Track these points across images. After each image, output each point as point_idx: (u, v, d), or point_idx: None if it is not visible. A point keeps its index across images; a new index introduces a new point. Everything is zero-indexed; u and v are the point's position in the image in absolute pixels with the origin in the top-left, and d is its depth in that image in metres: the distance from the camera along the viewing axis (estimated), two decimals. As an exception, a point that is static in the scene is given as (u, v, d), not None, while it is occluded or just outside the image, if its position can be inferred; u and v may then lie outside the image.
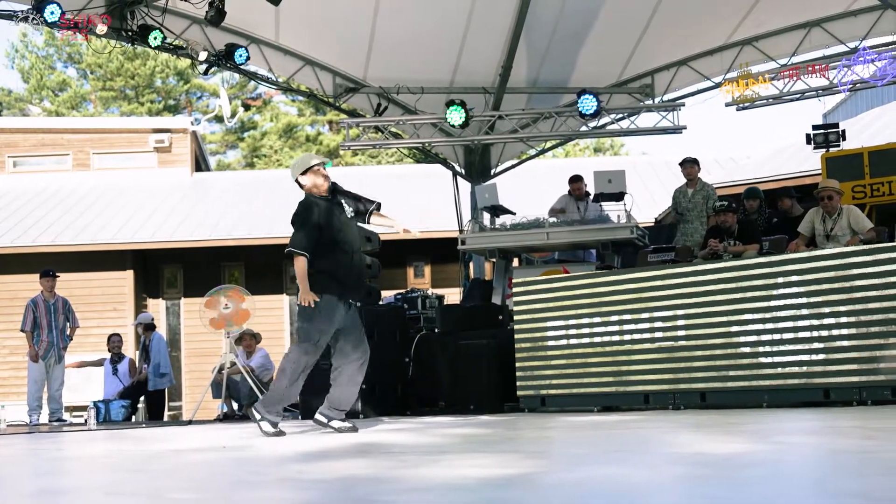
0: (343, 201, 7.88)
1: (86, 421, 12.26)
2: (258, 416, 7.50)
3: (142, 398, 15.76)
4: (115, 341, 15.69)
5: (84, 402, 15.73)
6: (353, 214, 7.90)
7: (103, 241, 21.56)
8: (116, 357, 15.60)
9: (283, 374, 7.54)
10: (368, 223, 8.25)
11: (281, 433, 7.42)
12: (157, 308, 22.22)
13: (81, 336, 15.33)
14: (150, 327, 15.84)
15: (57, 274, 14.56)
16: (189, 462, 5.51)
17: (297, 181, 7.83)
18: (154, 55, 39.80)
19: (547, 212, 13.91)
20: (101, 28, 13.11)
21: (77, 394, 17.19)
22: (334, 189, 7.85)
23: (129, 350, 18.50)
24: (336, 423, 7.64)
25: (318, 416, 7.77)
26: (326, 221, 7.63)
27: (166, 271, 22.97)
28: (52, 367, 14.16)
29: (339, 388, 7.67)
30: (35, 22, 12.94)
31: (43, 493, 3.96)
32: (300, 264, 7.49)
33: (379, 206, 8.07)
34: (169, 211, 23.30)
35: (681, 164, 13.85)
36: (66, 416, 14.79)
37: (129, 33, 13.80)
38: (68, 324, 14.43)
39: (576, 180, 14.24)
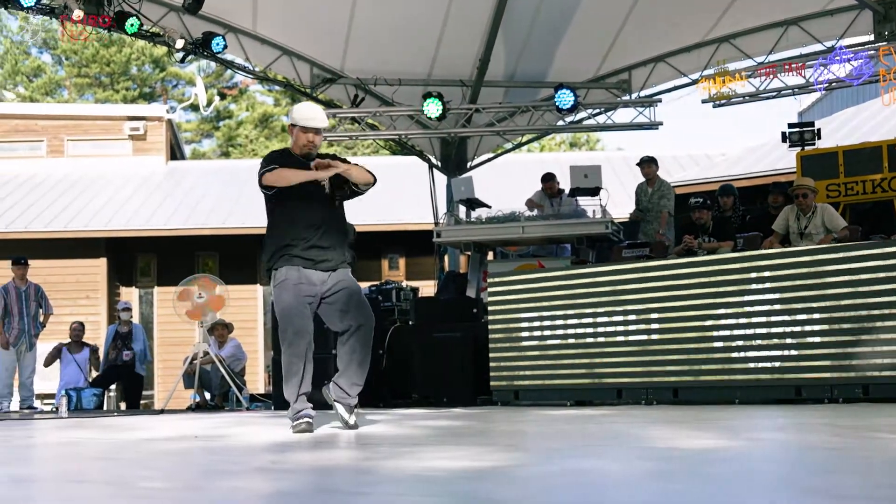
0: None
1: (57, 409, 12.20)
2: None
3: (113, 386, 15.70)
4: (77, 329, 15.63)
5: (55, 389, 15.66)
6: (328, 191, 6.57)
7: (77, 229, 21.45)
8: (77, 346, 15.55)
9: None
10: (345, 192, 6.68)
11: (304, 427, 6.35)
12: (130, 296, 22.12)
13: (54, 323, 15.24)
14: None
15: (28, 261, 14.48)
16: (160, 451, 5.49)
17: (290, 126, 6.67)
18: (130, 42, 39.58)
19: (523, 204, 13.93)
20: (78, 14, 13.02)
21: (49, 381, 17.08)
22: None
23: (100, 339, 18.42)
24: (339, 408, 6.57)
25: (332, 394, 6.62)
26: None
27: (140, 260, 22.88)
28: (24, 354, 14.10)
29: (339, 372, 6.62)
30: (10, 6, 12.86)
31: (12, 481, 3.93)
32: (276, 175, 6.38)
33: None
34: (143, 199, 23.19)
35: (638, 164, 13.93)
36: (37, 403, 14.72)
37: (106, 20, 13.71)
38: (41, 311, 14.36)
39: (548, 179, 14.26)
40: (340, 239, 6.64)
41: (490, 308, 11.10)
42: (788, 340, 9.07)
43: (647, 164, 13.76)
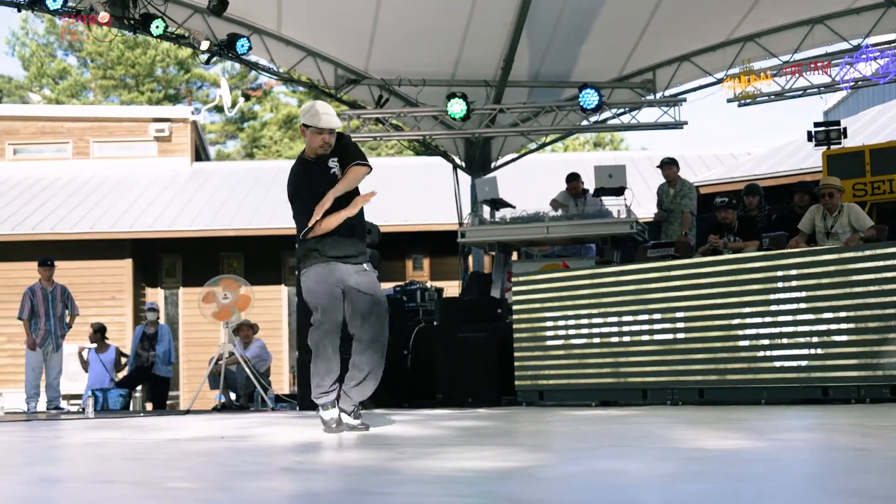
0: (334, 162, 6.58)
1: (83, 409, 12.27)
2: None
3: (139, 387, 15.79)
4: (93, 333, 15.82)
5: (82, 390, 15.76)
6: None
7: (102, 230, 21.55)
8: (103, 346, 15.72)
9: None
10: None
11: (335, 423, 6.44)
12: (155, 297, 22.22)
13: (79, 325, 15.33)
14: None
15: (54, 263, 14.56)
16: (187, 452, 5.51)
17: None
18: (154, 44, 39.76)
19: (547, 204, 13.91)
20: (104, 16, 13.09)
21: (75, 382, 17.20)
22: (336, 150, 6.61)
23: (126, 339, 18.53)
24: (344, 417, 6.59)
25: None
26: (312, 191, 6.51)
27: (165, 261, 22.97)
28: (50, 355, 14.17)
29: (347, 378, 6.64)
30: (37, 9, 12.94)
31: (40, 481, 3.96)
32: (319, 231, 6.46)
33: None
34: (168, 200, 23.28)
35: (659, 166, 13.90)
36: (63, 404, 14.81)
37: (132, 22, 13.78)
38: (67, 312, 14.44)
39: (573, 179, 14.24)
40: (360, 238, 6.70)
41: (514, 308, 11.09)
42: (815, 340, 9.03)
43: (668, 165, 13.76)
